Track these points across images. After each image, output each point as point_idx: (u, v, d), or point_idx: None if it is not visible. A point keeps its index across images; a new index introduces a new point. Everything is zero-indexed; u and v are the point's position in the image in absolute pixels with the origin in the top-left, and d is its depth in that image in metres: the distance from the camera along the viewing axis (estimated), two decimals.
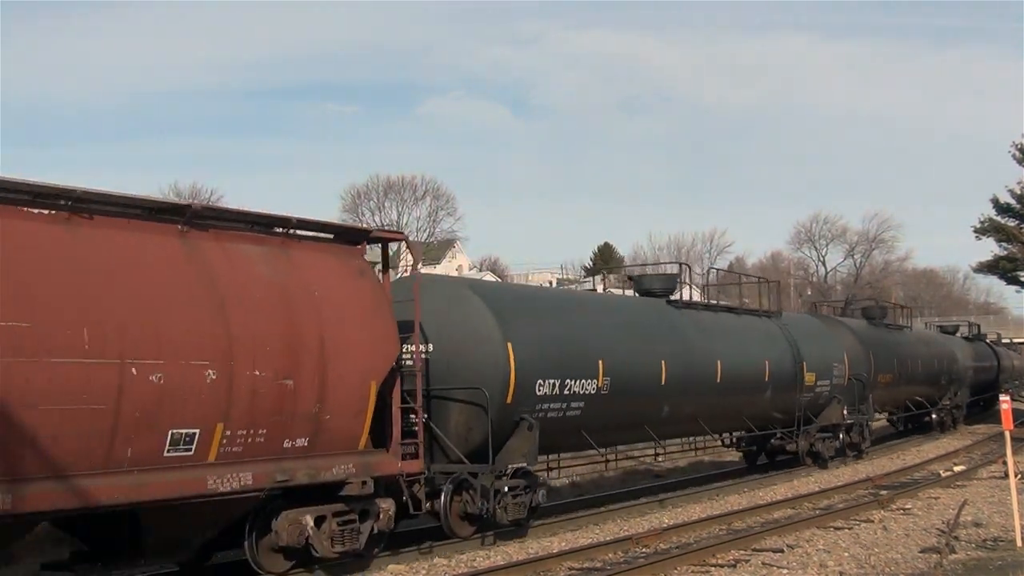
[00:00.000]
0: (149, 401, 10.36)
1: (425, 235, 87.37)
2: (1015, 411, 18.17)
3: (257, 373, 11.39)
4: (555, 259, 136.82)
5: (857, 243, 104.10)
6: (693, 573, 12.78)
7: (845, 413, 27.26)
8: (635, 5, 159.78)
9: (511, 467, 15.24)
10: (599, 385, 17.14)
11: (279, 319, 11.77)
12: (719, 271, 33.51)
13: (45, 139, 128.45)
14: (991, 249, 44.44)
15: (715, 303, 23.74)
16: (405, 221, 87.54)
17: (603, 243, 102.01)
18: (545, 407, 15.99)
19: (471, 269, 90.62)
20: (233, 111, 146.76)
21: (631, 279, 22.55)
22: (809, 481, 23.09)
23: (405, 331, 13.73)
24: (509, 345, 15.27)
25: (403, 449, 13.50)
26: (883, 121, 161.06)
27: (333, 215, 74.87)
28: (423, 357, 14.49)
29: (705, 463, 27.50)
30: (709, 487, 22.01)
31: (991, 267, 45.02)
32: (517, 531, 15.81)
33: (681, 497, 20.23)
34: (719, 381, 20.98)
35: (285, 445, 11.84)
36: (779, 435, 25.41)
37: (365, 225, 14.05)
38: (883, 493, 19.85)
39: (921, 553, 13.80)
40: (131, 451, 10.31)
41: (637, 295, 21.91)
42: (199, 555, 12.52)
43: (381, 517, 13.15)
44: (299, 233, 12.82)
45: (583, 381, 16.79)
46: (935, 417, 38.21)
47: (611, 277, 16.71)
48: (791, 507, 18.82)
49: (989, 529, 15.72)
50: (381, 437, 13.30)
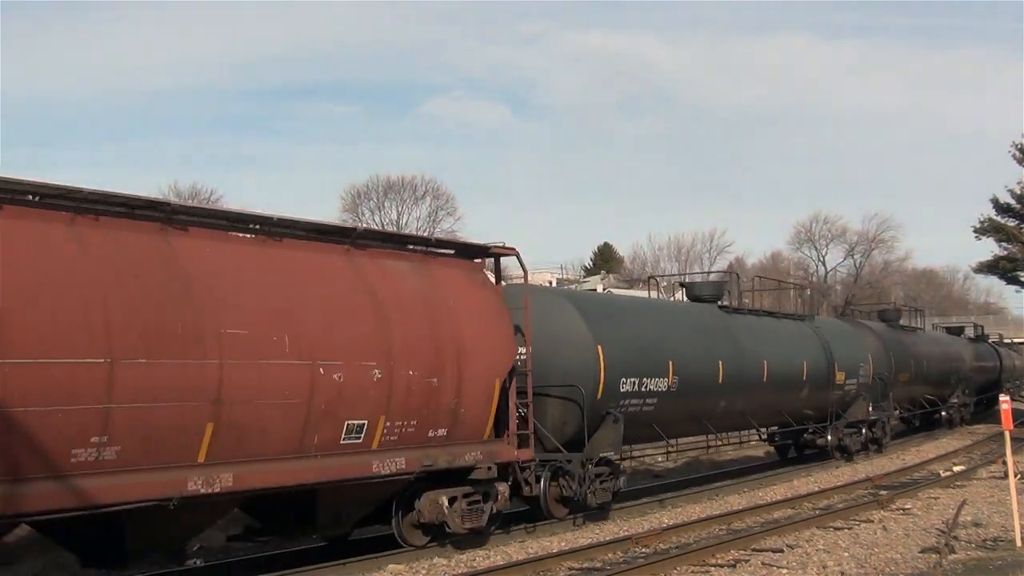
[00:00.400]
0: (331, 396, 12.21)
1: (425, 234, 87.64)
2: (1015, 411, 18.05)
3: (411, 372, 13.24)
4: (555, 259, 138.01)
5: (857, 243, 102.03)
6: (693, 573, 12.76)
7: (870, 410, 29.28)
8: (635, 5, 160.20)
9: (600, 456, 17.11)
10: (670, 383, 19.05)
11: (425, 325, 13.62)
12: (759, 278, 35.34)
13: (45, 139, 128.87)
14: (991, 249, 44.51)
15: (758, 308, 25.63)
16: (405, 221, 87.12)
17: (603, 243, 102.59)
18: (627, 403, 17.89)
19: None
20: (233, 111, 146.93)
21: (683, 286, 24.39)
22: (809, 481, 23.15)
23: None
24: (599, 348, 17.17)
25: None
26: (883, 121, 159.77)
27: (333, 215, 75.49)
28: (525, 358, 16.31)
29: (704, 463, 28.27)
30: (709, 487, 22.08)
31: (991, 267, 45.11)
32: (600, 513, 17.66)
33: (681, 497, 20.10)
34: (766, 380, 22.94)
35: (429, 435, 13.69)
36: (811, 430, 27.32)
37: (484, 243, 15.75)
38: (883, 493, 19.84)
39: (921, 553, 13.77)
40: (317, 438, 12.16)
41: (688, 300, 23.81)
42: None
43: (499, 499, 15.00)
44: (430, 250, 14.67)
45: (657, 380, 18.69)
46: (944, 414, 40.23)
47: (611, 277, 18.01)
48: (791, 507, 18.78)
49: (989, 529, 15.67)
50: (496, 428, 15.13)
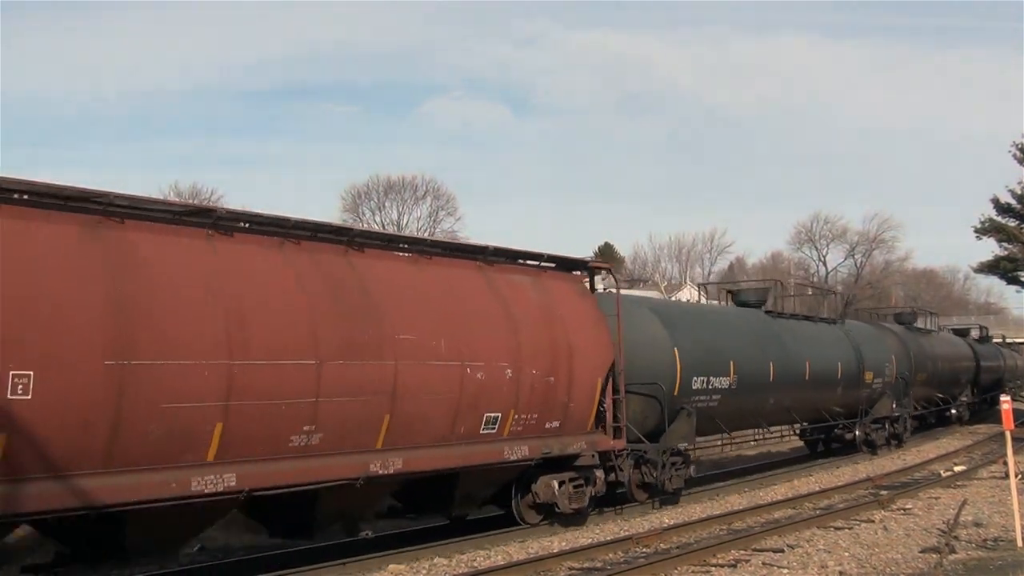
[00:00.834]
0: (475, 392, 14.18)
1: (425, 235, 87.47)
2: (1015, 411, 18.18)
3: (534, 372, 15.21)
4: None
5: (857, 243, 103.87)
6: (693, 573, 12.81)
7: (894, 407, 31.37)
8: (636, 5, 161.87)
9: (675, 446, 19.13)
10: (731, 382, 21.06)
11: (544, 331, 15.58)
12: (788, 283, 37.37)
13: (45, 139, 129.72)
14: (991, 249, 44.53)
15: (797, 313, 27.67)
16: (405, 221, 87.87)
17: (603, 243, 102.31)
18: (697, 399, 19.91)
19: None
20: (233, 111, 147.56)
21: (730, 292, 26.47)
22: (809, 481, 23.26)
23: None
24: (675, 350, 19.18)
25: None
26: (883, 121, 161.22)
27: (333, 215, 76.24)
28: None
29: (704, 463, 28.81)
30: (709, 487, 22.16)
31: (991, 267, 45.22)
32: (672, 498, 19.63)
33: (681, 497, 19.89)
34: (807, 378, 24.99)
35: (546, 426, 15.67)
36: (841, 425, 29.35)
37: (583, 257, 17.72)
38: (883, 493, 19.88)
39: (921, 553, 13.81)
40: (463, 428, 14.13)
41: (735, 305, 25.82)
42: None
43: (596, 483, 16.97)
44: (541, 264, 16.65)
45: (720, 378, 20.71)
46: (954, 412, 42.40)
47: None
48: (791, 507, 18.82)
49: (989, 529, 15.72)
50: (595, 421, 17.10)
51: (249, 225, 12.22)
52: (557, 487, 16.10)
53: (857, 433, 29.71)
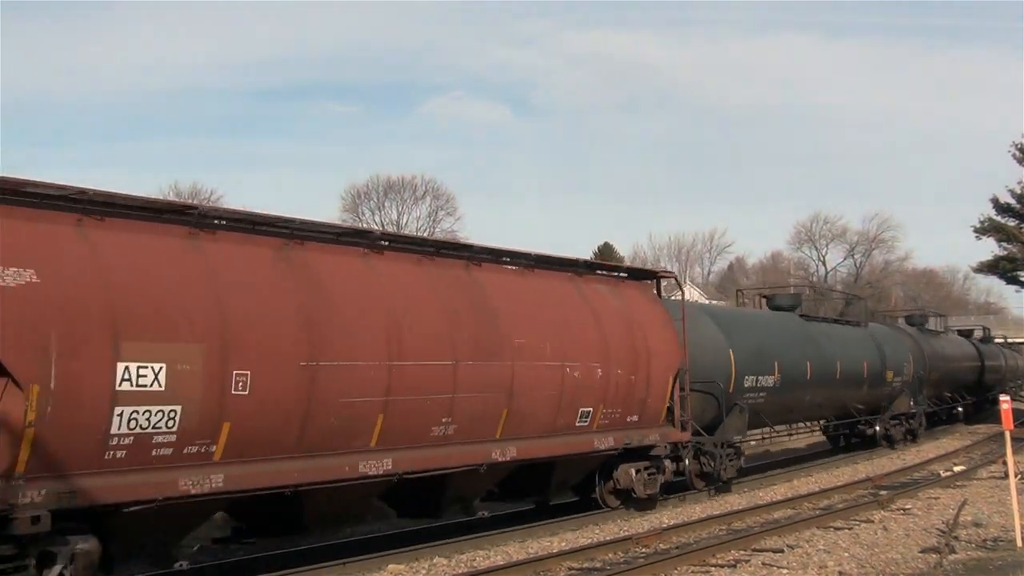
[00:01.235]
0: (573, 389, 15.99)
1: (425, 235, 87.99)
2: (1015, 411, 18.18)
3: (619, 371, 17.03)
4: None
5: (857, 243, 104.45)
6: (693, 573, 12.84)
7: (911, 404, 33.30)
8: (636, 5, 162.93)
9: (729, 439, 21.00)
10: (775, 380, 22.95)
11: (625, 334, 17.41)
12: (814, 289, 39.30)
13: (45, 139, 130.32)
14: (991, 249, 44.56)
15: (825, 316, 29.55)
16: (405, 221, 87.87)
17: (603, 243, 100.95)
18: (747, 396, 21.77)
19: None
20: (233, 111, 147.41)
21: (765, 297, 28.40)
22: (809, 481, 23.41)
23: None
24: (731, 351, 21.03)
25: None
26: (883, 121, 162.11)
27: (333, 215, 76.98)
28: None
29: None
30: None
31: (991, 267, 45.33)
32: (726, 486, 21.46)
33: (681, 497, 20.10)
34: (838, 377, 26.90)
35: (628, 420, 17.49)
36: (863, 421, 31.25)
37: (652, 267, 19.54)
38: (883, 493, 19.97)
39: (921, 553, 13.84)
40: (562, 421, 15.95)
41: (769, 310, 27.71)
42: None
43: (665, 471, 18.80)
44: (598, 272, 18.48)
45: (767, 377, 22.59)
46: (961, 410, 44.40)
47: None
48: (791, 507, 18.90)
49: (989, 529, 15.75)
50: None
51: (389, 243, 14.02)
52: (635, 474, 17.94)
53: (877, 428, 31.62)
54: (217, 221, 11.71)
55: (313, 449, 11.98)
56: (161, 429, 10.30)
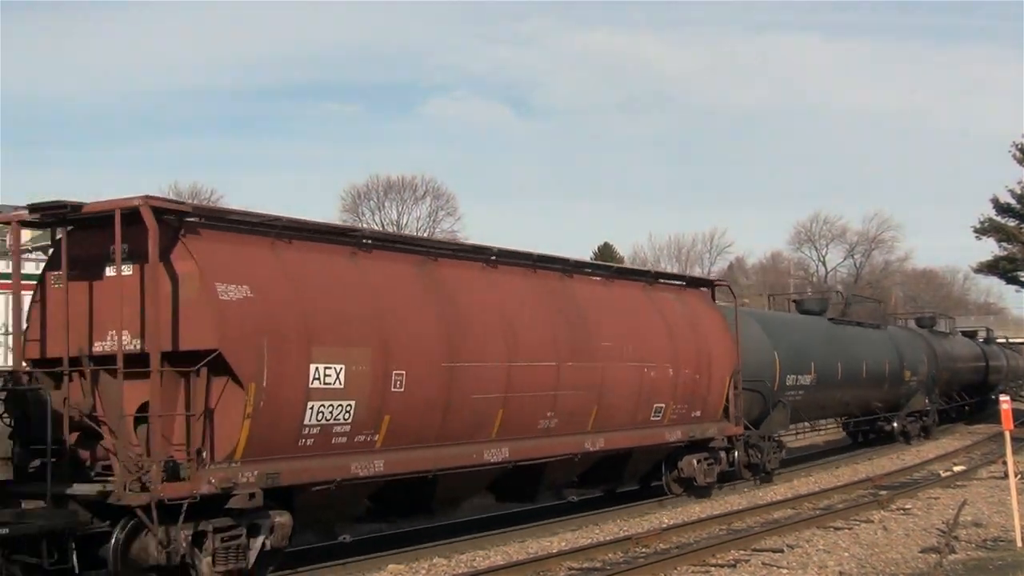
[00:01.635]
0: (649, 387, 17.81)
1: (425, 235, 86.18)
2: (1015, 411, 18.24)
3: (686, 371, 18.85)
4: None
5: (857, 243, 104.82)
6: (693, 573, 12.83)
7: (926, 402, 35.24)
8: (637, 5, 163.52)
9: (773, 434, 22.86)
10: (812, 379, 24.81)
11: (691, 338, 19.22)
12: (839, 294, 41.23)
13: (45, 139, 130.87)
14: (991, 249, 44.42)
15: (851, 319, 31.46)
16: (405, 221, 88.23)
17: (603, 243, 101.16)
18: (789, 393, 23.61)
19: None
20: (233, 111, 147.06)
21: (795, 302, 30.32)
22: (809, 481, 23.47)
23: None
24: (775, 353, 22.87)
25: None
26: (883, 121, 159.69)
27: (333, 215, 77.81)
28: None
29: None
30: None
31: (991, 267, 45.17)
32: (767, 477, 23.28)
33: (681, 497, 19.99)
34: (864, 376, 28.81)
35: (692, 415, 19.31)
36: (883, 418, 33.17)
37: (708, 276, 21.31)
38: (883, 493, 20.02)
39: (921, 553, 13.84)
40: (639, 416, 17.77)
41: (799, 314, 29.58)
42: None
43: (722, 462, 20.63)
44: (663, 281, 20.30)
45: (805, 376, 24.46)
46: (967, 408, 46.44)
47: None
48: (791, 507, 18.89)
49: (989, 529, 15.79)
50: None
51: (496, 257, 15.80)
52: (696, 464, 19.76)
53: (895, 425, 33.56)
54: (366, 241, 13.47)
55: (449, 439, 13.77)
56: (339, 421, 12.09)
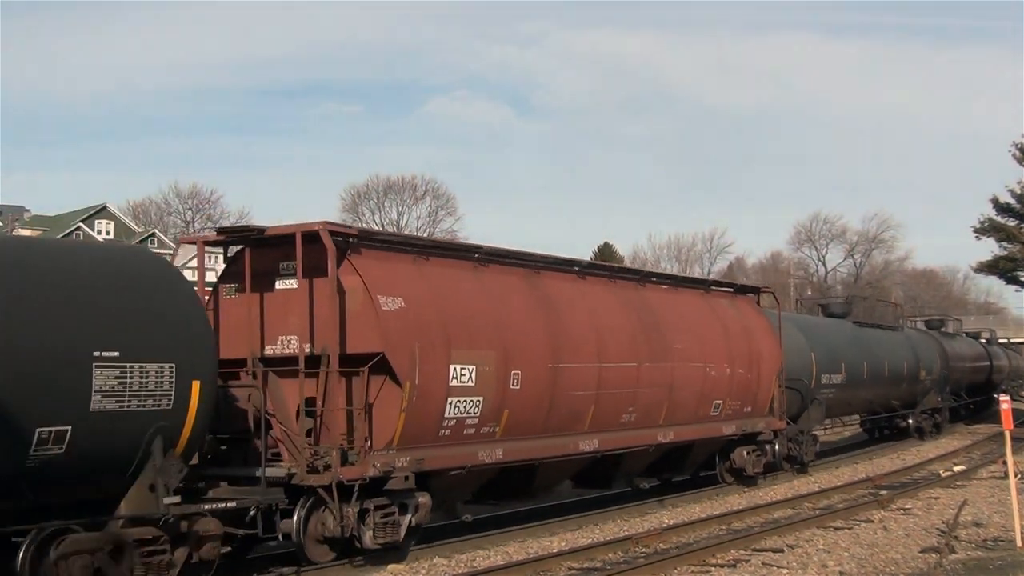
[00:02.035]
0: (710, 385, 19.65)
1: (425, 235, 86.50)
2: (1015, 411, 18.21)
3: (740, 371, 20.69)
4: None
5: (857, 243, 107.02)
6: (693, 573, 12.82)
7: (939, 400, 37.20)
8: (637, 5, 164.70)
9: (808, 429, 24.75)
10: (842, 378, 26.69)
11: (743, 340, 21.06)
12: (862, 298, 43.18)
13: (45, 139, 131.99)
14: (991, 249, 44.23)
15: (871, 322, 33.38)
16: (405, 221, 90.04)
17: (603, 243, 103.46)
18: (823, 391, 25.48)
19: None
20: (233, 111, 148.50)
21: (821, 306, 32.25)
22: (809, 481, 23.41)
23: None
24: (812, 354, 24.76)
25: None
26: (883, 121, 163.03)
27: (333, 215, 78.90)
28: None
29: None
30: (710, 487, 21.83)
31: (991, 267, 44.96)
32: (802, 468, 25.12)
33: (681, 497, 20.16)
34: (886, 375, 30.71)
35: (744, 411, 21.16)
36: (900, 415, 35.09)
37: (755, 283, 23.15)
38: (883, 493, 20.04)
39: (921, 553, 13.82)
40: (701, 412, 19.60)
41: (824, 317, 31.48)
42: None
43: (767, 454, 22.48)
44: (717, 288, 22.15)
45: (836, 375, 26.35)
46: (972, 407, 48.49)
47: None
48: (791, 507, 18.89)
49: (989, 529, 15.77)
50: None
51: (579, 269, 17.61)
52: (746, 455, 21.62)
53: (911, 421, 35.50)
54: (483, 256, 15.26)
55: (552, 431, 15.59)
56: (471, 414, 13.90)
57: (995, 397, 54.21)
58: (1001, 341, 62.61)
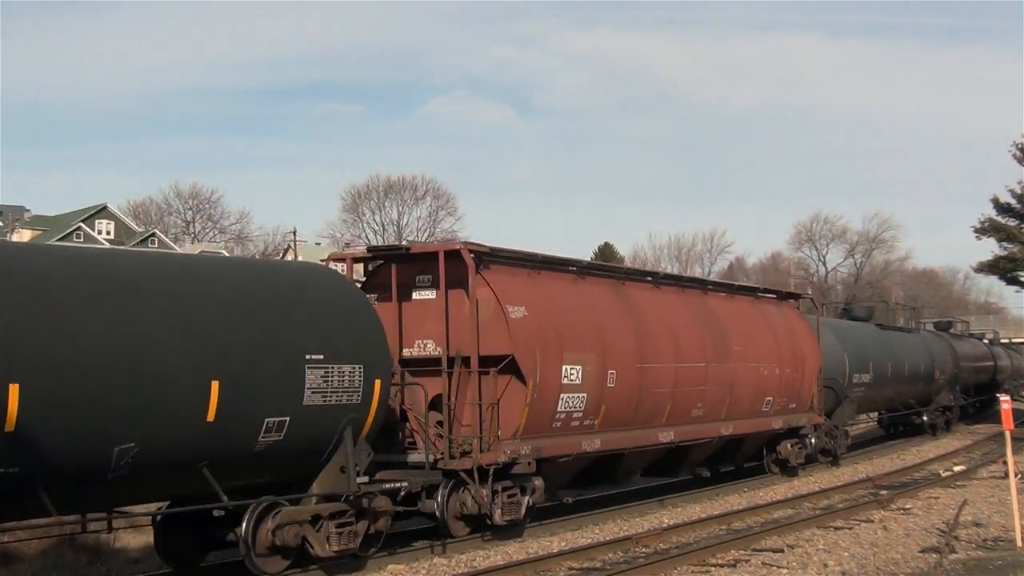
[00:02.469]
0: (762, 383, 21.66)
1: (425, 235, 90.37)
2: (1015, 411, 18.24)
3: (787, 371, 22.71)
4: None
5: (857, 243, 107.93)
6: (693, 573, 12.85)
7: (951, 398, 39.30)
8: (637, 5, 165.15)
9: (841, 424, 26.79)
10: (870, 377, 28.76)
11: (789, 342, 23.08)
12: (882, 303, 45.29)
13: (45, 139, 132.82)
14: (991, 249, 44.29)
15: (892, 324, 35.46)
16: (405, 221, 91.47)
17: (603, 243, 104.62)
18: (854, 390, 27.54)
19: None
20: (234, 111, 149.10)
21: (845, 310, 34.31)
22: (809, 481, 23.45)
23: None
24: (845, 356, 26.82)
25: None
26: (883, 121, 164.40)
27: (333, 215, 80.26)
28: None
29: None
30: (710, 487, 21.96)
31: (991, 267, 45.04)
32: (834, 461, 27.10)
33: (681, 497, 20.21)
34: (906, 375, 32.77)
35: (789, 407, 23.18)
36: (916, 412, 37.17)
37: (797, 292, 25.14)
38: (883, 493, 20.14)
39: (921, 553, 13.86)
40: (754, 407, 21.61)
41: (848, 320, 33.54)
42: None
43: (808, 447, 24.51)
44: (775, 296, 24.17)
45: (865, 375, 28.43)
46: (978, 405, 50.64)
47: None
48: (791, 507, 18.95)
49: (989, 529, 15.82)
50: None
51: (655, 279, 19.61)
52: (790, 448, 23.64)
53: (925, 418, 37.60)
54: (580, 269, 17.23)
55: (638, 424, 17.58)
56: (577, 409, 15.89)
57: (995, 398, 56.71)
58: (1002, 341, 64.86)
